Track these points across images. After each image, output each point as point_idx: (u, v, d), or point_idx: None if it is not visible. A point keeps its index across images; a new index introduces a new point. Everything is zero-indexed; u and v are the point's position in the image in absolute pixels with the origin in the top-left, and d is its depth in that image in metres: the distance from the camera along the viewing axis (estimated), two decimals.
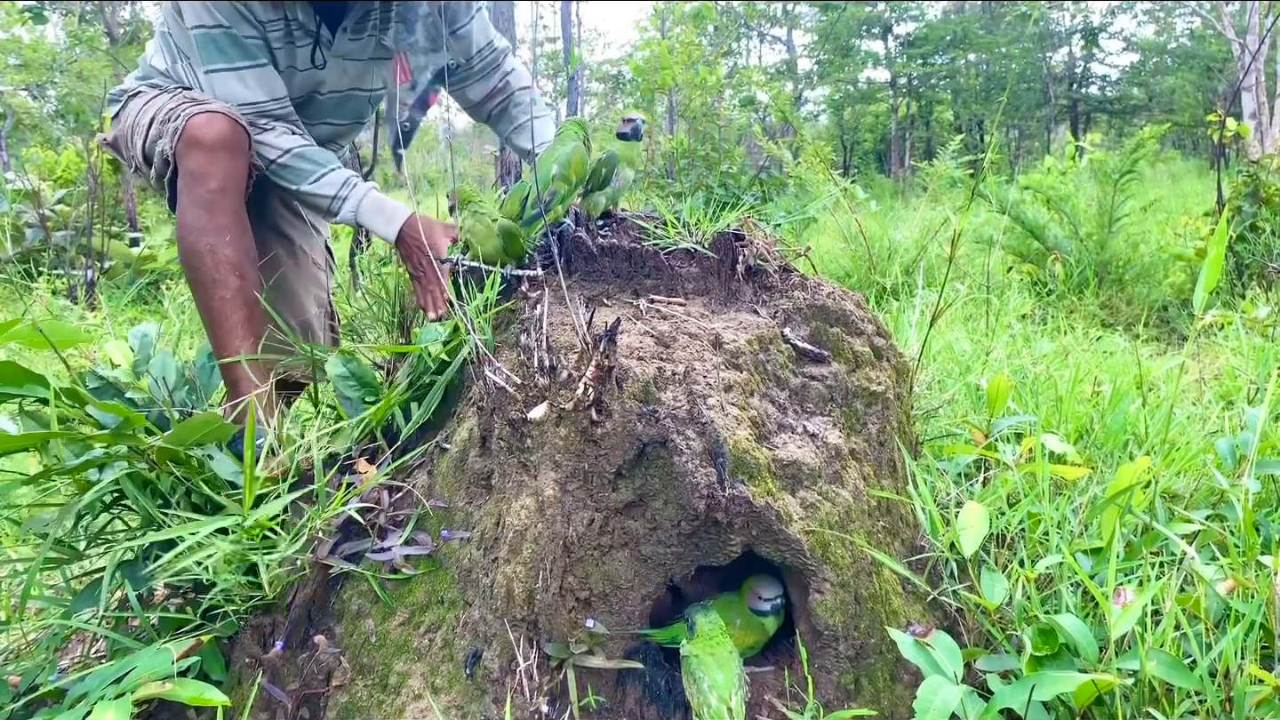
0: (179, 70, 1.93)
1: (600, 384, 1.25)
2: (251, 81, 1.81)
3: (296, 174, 1.84)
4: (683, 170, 7.40)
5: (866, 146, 23.84)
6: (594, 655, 1.23)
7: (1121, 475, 1.35)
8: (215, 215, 1.70)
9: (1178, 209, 7.70)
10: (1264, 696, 1.08)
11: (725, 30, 20.63)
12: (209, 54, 1.79)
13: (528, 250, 1.62)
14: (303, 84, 1.95)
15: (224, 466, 1.40)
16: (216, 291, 1.70)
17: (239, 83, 1.80)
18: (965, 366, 2.60)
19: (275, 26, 1.83)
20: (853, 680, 1.28)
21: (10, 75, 12.69)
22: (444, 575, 1.34)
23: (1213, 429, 2.09)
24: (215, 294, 1.70)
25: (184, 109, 1.73)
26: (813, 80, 21.86)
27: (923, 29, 20.56)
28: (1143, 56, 21.51)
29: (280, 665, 1.34)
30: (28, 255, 6.20)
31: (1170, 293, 4.71)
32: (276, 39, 1.84)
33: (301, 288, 2.15)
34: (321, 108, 2.04)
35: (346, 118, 2.11)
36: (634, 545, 1.26)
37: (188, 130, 1.69)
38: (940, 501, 1.63)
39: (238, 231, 1.73)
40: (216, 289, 1.70)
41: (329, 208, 1.86)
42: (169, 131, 1.73)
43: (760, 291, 1.65)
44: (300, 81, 1.94)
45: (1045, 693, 1.07)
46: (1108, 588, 1.15)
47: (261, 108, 1.83)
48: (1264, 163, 4.74)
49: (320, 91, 2.00)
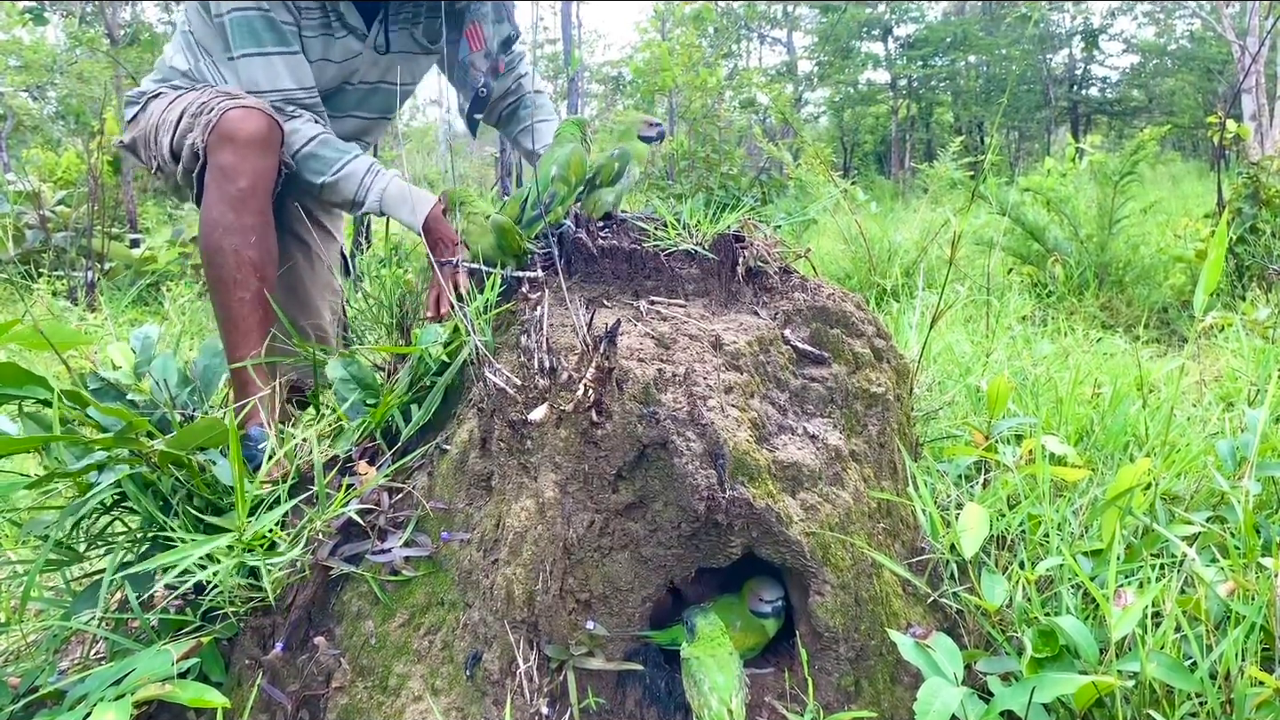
0: (202, 69, 1.91)
1: (600, 385, 1.25)
2: (282, 68, 1.79)
3: (321, 163, 1.82)
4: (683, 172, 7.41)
5: (867, 148, 23.85)
6: (594, 657, 1.23)
7: (1122, 477, 1.35)
8: (242, 214, 1.67)
9: (1178, 211, 7.70)
10: (1264, 698, 1.08)
11: (725, 32, 20.64)
12: (241, 37, 1.76)
13: (527, 250, 1.62)
14: (336, 75, 1.95)
15: (225, 471, 1.40)
16: (235, 292, 1.68)
17: (269, 68, 1.78)
18: (965, 368, 2.59)
19: (312, 14, 1.83)
20: (853, 682, 1.28)
21: (11, 76, 12.69)
22: (444, 577, 1.34)
23: (1213, 431, 2.09)
24: (234, 294, 1.68)
25: (217, 102, 1.70)
26: (813, 82, 21.87)
27: (923, 31, 20.57)
28: (1143, 58, 21.52)
29: (280, 667, 1.34)
30: (28, 256, 6.20)
31: (1170, 294, 4.71)
32: (312, 29, 1.84)
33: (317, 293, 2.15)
34: (350, 99, 2.03)
35: (374, 111, 2.11)
36: (634, 547, 1.26)
37: (222, 124, 1.66)
38: (940, 503, 1.63)
39: (263, 232, 1.71)
40: (236, 289, 1.68)
41: (354, 197, 1.84)
42: (201, 124, 1.69)
43: (760, 293, 1.65)
44: (333, 74, 1.94)
45: (1046, 694, 1.07)
46: (1108, 589, 1.15)
47: (290, 95, 1.81)
48: (1264, 164, 4.74)
49: (351, 81, 2.00)
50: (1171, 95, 20.56)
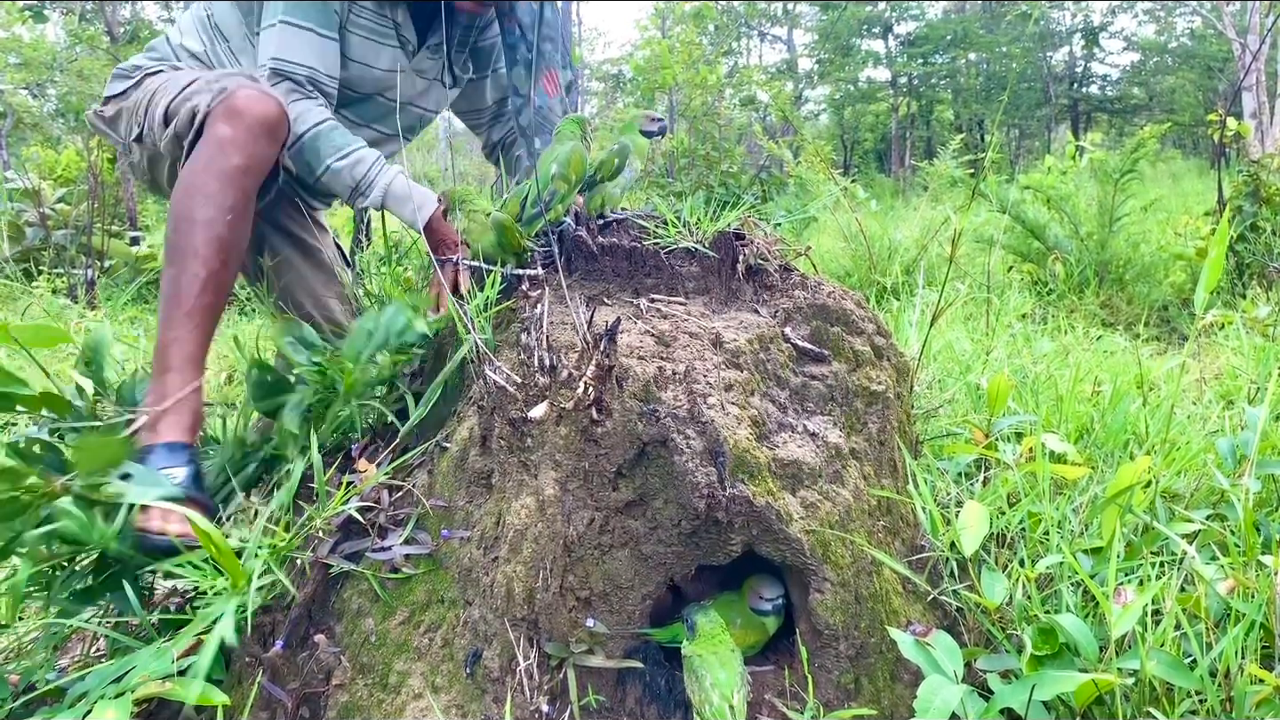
0: (218, 53, 1.87)
1: (600, 383, 1.25)
2: (318, 47, 1.77)
3: (329, 145, 1.77)
4: (683, 169, 7.40)
5: (867, 146, 23.84)
6: (594, 654, 1.23)
7: (1122, 475, 1.35)
8: (226, 190, 1.53)
9: (1178, 208, 7.70)
10: (1264, 696, 1.08)
11: (726, 30, 20.63)
12: (289, 7, 1.73)
13: (527, 248, 1.61)
14: (374, 84, 1.94)
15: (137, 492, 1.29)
16: (190, 265, 1.49)
17: (306, 42, 1.75)
18: (965, 366, 2.60)
19: (365, 14, 1.82)
20: (853, 680, 1.28)
21: (10, 74, 12.69)
22: (444, 574, 1.34)
23: (1213, 429, 2.09)
24: (189, 268, 1.49)
25: (234, 79, 1.61)
26: (813, 79, 21.86)
27: (923, 28, 20.56)
28: (1143, 56, 21.52)
29: (280, 664, 1.34)
30: (28, 254, 6.20)
31: (1171, 292, 4.71)
32: (363, 28, 1.84)
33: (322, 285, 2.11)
34: (376, 110, 2.02)
35: (393, 128, 2.08)
36: (634, 544, 1.26)
37: (235, 98, 1.55)
38: (940, 501, 1.63)
39: (241, 217, 1.56)
40: (191, 262, 1.50)
41: (356, 187, 1.79)
42: (212, 91, 1.58)
43: (760, 291, 1.65)
44: (373, 81, 1.93)
45: (1045, 692, 1.07)
46: (1108, 587, 1.15)
47: (315, 74, 1.78)
48: (1264, 162, 4.73)
49: (385, 94, 1.99)
50: (1172, 93, 20.56)
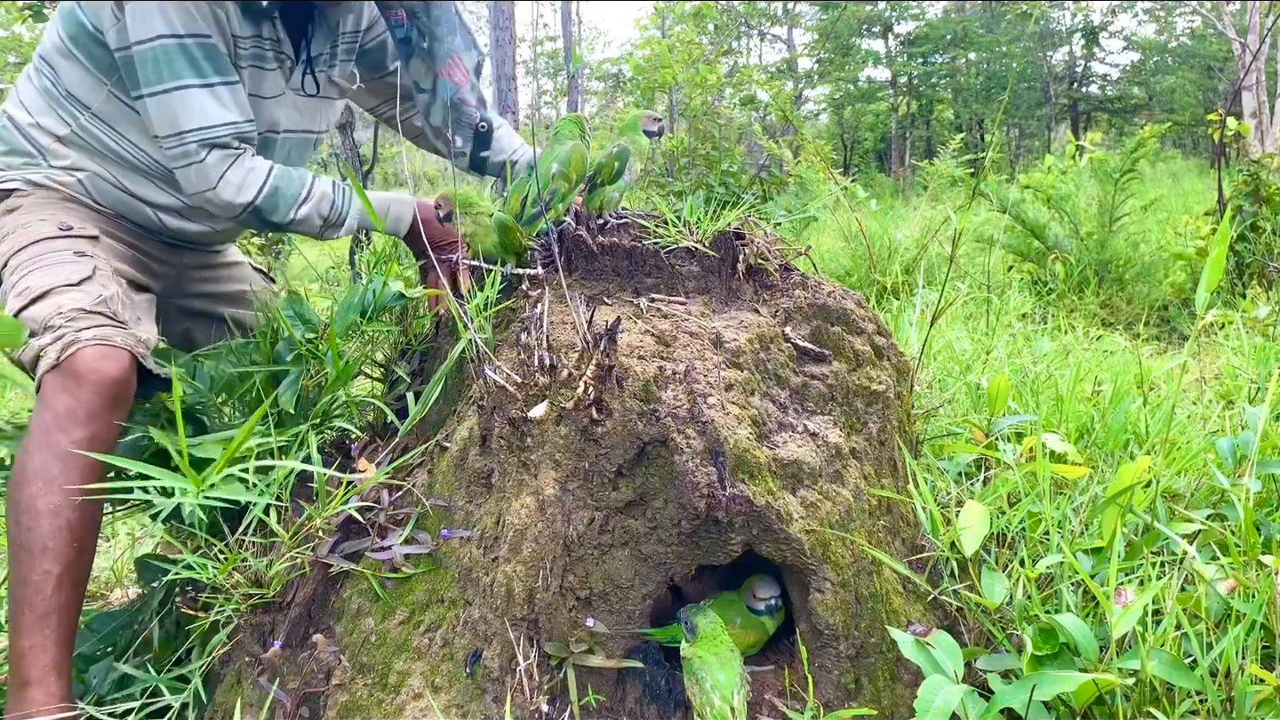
0: (85, 127, 1.65)
1: (600, 383, 1.24)
2: (228, 98, 1.58)
3: (287, 197, 1.65)
4: (683, 169, 7.40)
5: (867, 145, 23.83)
6: (594, 654, 1.23)
7: (1122, 475, 1.35)
8: (70, 471, 1.35)
9: (1178, 208, 7.70)
10: (1265, 696, 1.08)
11: (726, 29, 20.61)
12: (175, 67, 1.52)
13: (527, 248, 1.61)
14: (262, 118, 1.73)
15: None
16: (41, 563, 1.34)
17: (214, 99, 1.56)
18: (966, 366, 2.60)
19: (246, 44, 1.64)
20: (853, 680, 1.28)
21: (10, 74, 12.69)
22: (444, 574, 1.34)
23: (1213, 428, 2.09)
24: (39, 565, 1.34)
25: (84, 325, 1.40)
26: (813, 79, 21.85)
27: (923, 28, 20.55)
28: (1143, 56, 21.50)
29: (280, 664, 1.34)
30: None
31: (1171, 292, 4.71)
32: (245, 59, 1.65)
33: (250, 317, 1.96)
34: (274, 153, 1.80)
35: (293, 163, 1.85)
36: (634, 544, 1.26)
37: (78, 359, 1.36)
38: (941, 501, 1.63)
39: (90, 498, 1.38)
40: (42, 560, 1.34)
41: (326, 220, 1.70)
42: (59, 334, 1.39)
43: (761, 290, 1.65)
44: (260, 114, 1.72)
45: (1046, 692, 1.07)
46: (1108, 587, 1.15)
47: (239, 129, 1.60)
48: (1264, 162, 4.74)
49: (276, 130, 1.78)
50: (1172, 93, 20.55)
